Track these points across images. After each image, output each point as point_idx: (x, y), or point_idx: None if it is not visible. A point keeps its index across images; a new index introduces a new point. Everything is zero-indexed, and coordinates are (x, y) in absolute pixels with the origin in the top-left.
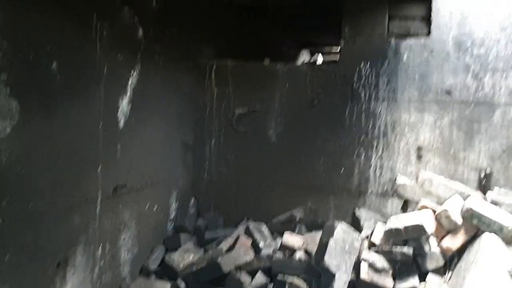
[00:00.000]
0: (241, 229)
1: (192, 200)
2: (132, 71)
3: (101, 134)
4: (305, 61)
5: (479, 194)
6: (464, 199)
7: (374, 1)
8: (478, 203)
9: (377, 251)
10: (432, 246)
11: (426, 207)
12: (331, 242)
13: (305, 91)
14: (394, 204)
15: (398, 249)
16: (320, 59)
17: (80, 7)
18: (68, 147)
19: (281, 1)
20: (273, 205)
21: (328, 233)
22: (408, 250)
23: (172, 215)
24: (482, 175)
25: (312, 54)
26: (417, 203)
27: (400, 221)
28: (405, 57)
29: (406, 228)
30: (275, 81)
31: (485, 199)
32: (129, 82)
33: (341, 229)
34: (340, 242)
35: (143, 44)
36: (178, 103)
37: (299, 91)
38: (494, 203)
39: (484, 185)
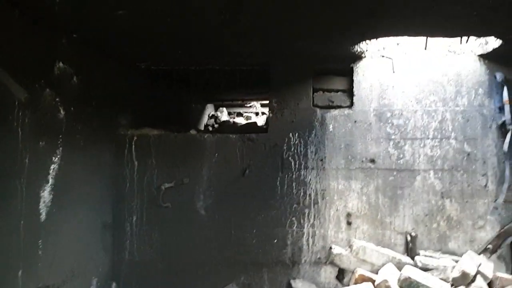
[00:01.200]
0: None
1: (113, 286)
2: (54, 157)
3: (22, 233)
4: (210, 115)
5: (407, 258)
6: (395, 265)
7: (299, 75)
8: (414, 271)
9: None
10: None
11: (363, 276)
12: None
13: (235, 162)
14: (327, 272)
15: None
16: (224, 114)
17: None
18: None
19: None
20: (204, 283)
21: None
22: None
23: None
24: (408, 238)
25: (216, 108)
26: (352, 272)
27: None
28: (331, 127)
29: None
30: (203, 152)
31: (415, 264)
32: (51, 170)
33: None
34: None
35: (65, 125)
36: (98, 181)
37: (229, 162)
38: (425, 268)
39: (410, 248)
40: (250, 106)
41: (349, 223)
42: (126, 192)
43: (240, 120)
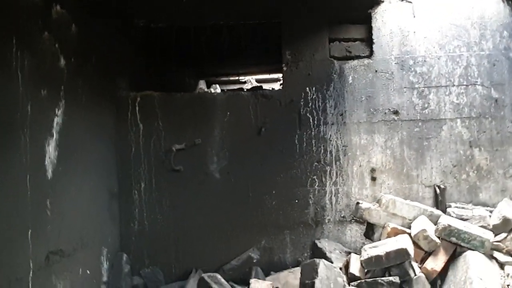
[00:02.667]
0: (192, 283)
1: (124, 257)
2: (57, 110)
3: (29, 190)
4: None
5: (438, 211)
6: (428, 217)
7: (313, 25)
8: (452, 220)
9: (359, 285)
10: (416, 270)
11: (396, 229)
12: (317, 283)
13: (249, 120)
14: (353, 230)
15: (384, 278)
16: (218, 91)
17: None
18: None
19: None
20: (222, 250)
21: (310, 273)
22: (394, 278)
23: (105, 278)
24: (437, 191)
25: (208, 85)
26: (383, 227)
27: (379, 248)
28: (350, 79)
29: (388, 254)
30: (213, 111)
31: (450, 214)
32: (54, 123)
33: (324, 266)
34: (325, 280)
35: (66, 75)
36: (101, 144)
37: (243, 121)
38: (460, 219)
39: (440, 201)
40: (245, 82)
41: (373, 179)
42: (132, 157)
43: None
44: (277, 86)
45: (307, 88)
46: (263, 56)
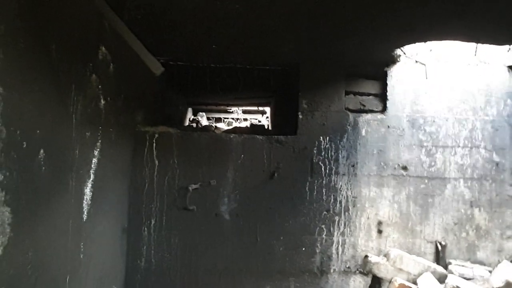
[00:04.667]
0: None
1: None
2: (95, 150)
3: (70, 235)
4: (191, 119)
5: (440, 267)
6: (432, 274)
7: (330, 77)
8: (460, 281)
9: None
10: None
11: (403, 285)
12: None
13: (262, 164)
14: (356, 282)
15: None
16: (204, 118)
17: (60, 78)
18: (42, 261)
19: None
20: None
21: None
22: None
23: None
24: (439, 247)
25: (195, 112)
26: (390, 281)
27: None
28: (363, 132)
29: None
30: (228, 152)
31: (451, 273)
32: (92, 164)
33: None
34: None
35: (104, 116)
36: (119, 181)
37: (256, 164)
38: (462, 277)
39: (440, 257)
40: (232, 112)
41: (380, 231)
42: (145, 193)
43: (221, 126)
44: (262, 118)
45: (321, 137)
46: (254, 90)
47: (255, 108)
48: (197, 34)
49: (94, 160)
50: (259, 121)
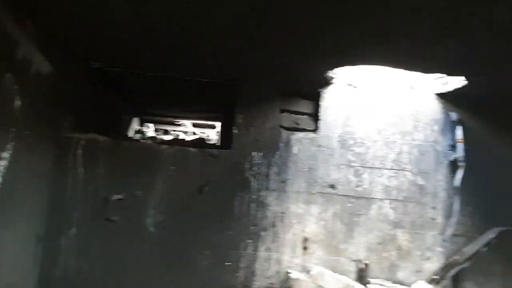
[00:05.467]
0: None
1: None
2: (5, 151)
3: None
4: (136, 129)
5: (361, 286)
6: None
7: (267, 95)
8: None
9: None
10: None
11: None
12: None
13: (192, 177)
14: None
15: None
16: (151, 129)
17: None
18: None
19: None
20: None
21: None
22: None
23: None
24: (361, 266)
25: (142, 123)
26: None
27: None
28: (295, 149)
29: None
30: (158, 163)
31: None
32: (1, 166)
33: None
34: None
35: (19, 117)
36: (36, 186)
37: (186, 177)
38: None
39: (362, 276)
40: (179, 125)
41: (305, 248)
42: (66, 201)
43: (168, 138)
44: (211, 132)
45: (254, 153)
46: (203, 103)
47: (206, 122)
48: (129, 42)
49: (3, 163)
50: (208, 136)
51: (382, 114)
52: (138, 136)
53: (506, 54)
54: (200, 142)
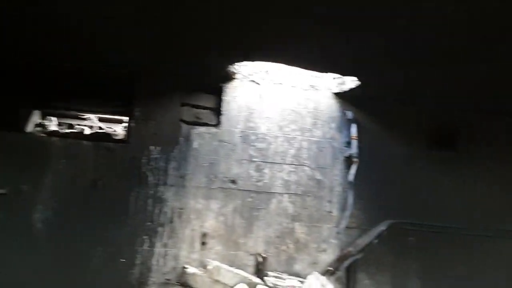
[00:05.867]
0: None
1: None
2: None
3: None
4: (37, 123)
5: (258, 279)
6: (248, 285)
7: (167, 88)
8: None
9: None
10: None
11: None
12: None
13: (86, 171)
14: None
15: None
16: (54, 123)
17: None
18: None
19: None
20: None
21: None
22: None
23: None
24: (259, 259)
25: (43, 116)
26: None
27: None
28: (196, 144)
29: None
30: (49, 157)
31: (266, 284)
32: None
33: None
34: None
35: None
36: None
37: (79, 171)
38: None
39: (260, 270)
40: (85, 119)
41: (203, 243)
42: None
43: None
44: (119, 127)
45: (152, 147)
46: (109, 97)
47: (112, 116)
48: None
49: None
50: (114, 131)
51: (283, 111)
52: (38, 129)
53: (393, 56)
54: (100, 136)
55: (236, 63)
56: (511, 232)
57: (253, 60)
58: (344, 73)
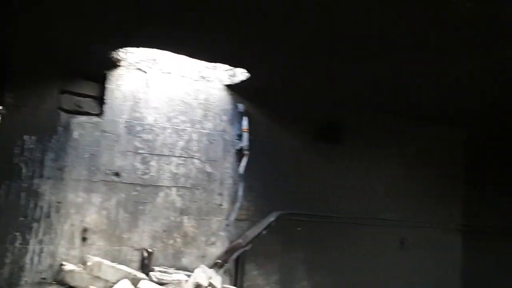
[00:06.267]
0: None
1: None
2: None
3: None
4: None
5: (142, 274)
6: (131, 281)
7: (43, 73)
8: (150, 285)
9: None
10: None
11: None
12: None
13: None
14: None
15: None
16: None
17: None
18: None
19: None
20: None
21: None
22: None
23: None
24: (145, 254)
25: None
26: None
27: None
28: (76, 134)
29: None
30: None
31: (151, 279)
32: None
33: None
34: None
35: None
36: None
37: None
38: (160, 283)
39: (146, 265)
40: None
41: (84, 239)
42: None
43: None
44: None
45: (26, 137)
46: None
47: None
48: None
49: None
50: None
51: (172, 101)
52: None
53: (284, 50)
54: None
55: (120, 49)
56: (388, 221)
57: (136, 46)
58: (234, 64)
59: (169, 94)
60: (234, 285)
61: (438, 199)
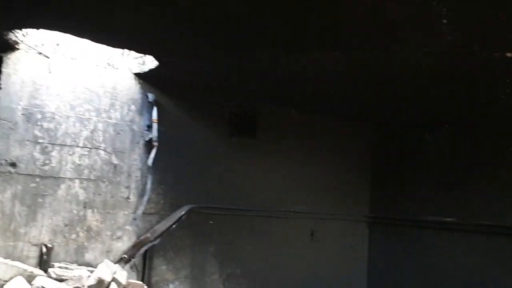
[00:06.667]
0: None
1: None
2: None
3: None
4: None
5: (40, 271)
6: (26, 278)
7: None
8: (47, 282)
9: None
10: None
11: None
12: None
13: None
14: None
15: None
16: None
17: None
18: None
19: None
20: None
21: None
22: None
23: None
24: (44, 250)
25: None
26: None
27: None
28: None
29: None
30: None
31: (49, 276)
32: None
33: None
34: None
35: None
36: None
37: None
38: (59, 279)
39: (45, 261)
40: None
41: None
42: None
43: None
44: None
45: None
46: None
47: None
48: None
49: None
50: None
51: (76, 88)
52: None
53: (199, 39)
54: None
55: (17, 30)
56: (300, 213)
57: (33, 27)
58: (141, 51)
59: (73, 81)
60: (142, 280)
61: (347, 192)
